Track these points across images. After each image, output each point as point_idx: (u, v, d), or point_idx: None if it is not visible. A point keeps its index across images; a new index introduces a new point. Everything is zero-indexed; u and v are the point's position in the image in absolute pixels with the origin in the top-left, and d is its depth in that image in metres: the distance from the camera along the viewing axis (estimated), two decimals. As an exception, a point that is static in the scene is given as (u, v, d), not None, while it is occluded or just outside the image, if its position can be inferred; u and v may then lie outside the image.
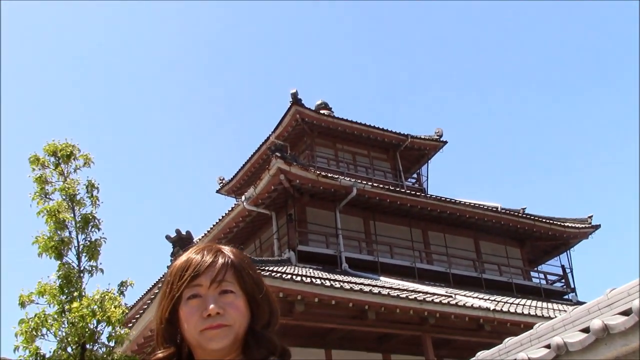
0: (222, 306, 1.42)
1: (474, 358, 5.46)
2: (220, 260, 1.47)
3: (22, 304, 6.68)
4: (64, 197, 7.40)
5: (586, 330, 4.19)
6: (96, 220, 7.51)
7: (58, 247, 7.01)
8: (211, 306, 1.40)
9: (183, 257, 1.51)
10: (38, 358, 6.32)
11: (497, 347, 5.28)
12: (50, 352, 6.48)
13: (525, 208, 21.74)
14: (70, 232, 7.30)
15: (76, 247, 7.25)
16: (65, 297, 6.73)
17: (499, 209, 20.69)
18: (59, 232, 7.13)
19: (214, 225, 19.51)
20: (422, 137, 23.59)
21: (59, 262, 7.03)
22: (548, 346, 4.34)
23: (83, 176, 8.19)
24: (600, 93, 50.58)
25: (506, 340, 5.23)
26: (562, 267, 22.37)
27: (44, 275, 7.31)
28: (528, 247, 22.34)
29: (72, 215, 7.35)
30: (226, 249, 1.52)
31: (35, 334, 6.33)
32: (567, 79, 52.10)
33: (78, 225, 7.32)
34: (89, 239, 7.37)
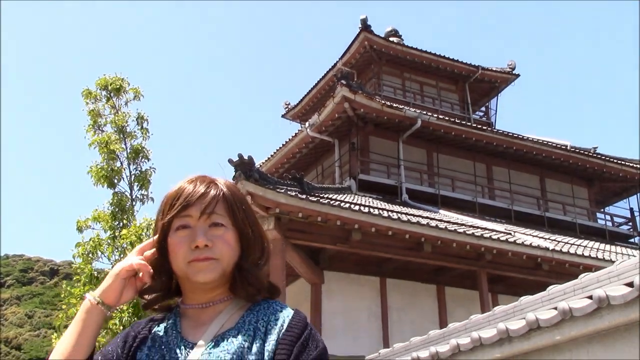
0: (211, 239, 1.38)
1: (516, 302, 5.48)
2: (212, 192, 1.42)
3: (80, 229, 7.10)
4: (114, 130, 7.67)
5: (630, 284, 4.14)
6: (146, 151, 7.76)
7: (110, 177, 7.33)
8: (200, 238, 1.37)
9: (174, 187, 1.45)
10: (93, 280, 6.72)
11: (540, 294, 5.28)
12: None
13: (596, 147, 21.04)
14: (121, 163, 7.60)
15: (128, 177, 7.56)
16: (117, 223, 7.09)
17: (568, 147, 20.09)
18: (110, 162, 7.43)
19: (277, 150, 19.77)
20: (494, 69, 22.88)
21: (113, 191, 7.36)
22: (590, 297, 4.32)
23: (134, 109, 8.43)
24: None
25: (550, 287, 5.21)
26: (631, 209, 21.75)
27: (99, 203, 7.71)
28: (597, 188, 21.74)
29: (124, 146, 7.63)
30: (220, 181, 1.47)
31: (91, 257, 6.73)
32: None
33: (129, 156, 7.59)
34: (139, 169, 7.66)
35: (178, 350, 1.35)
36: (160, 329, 1.43)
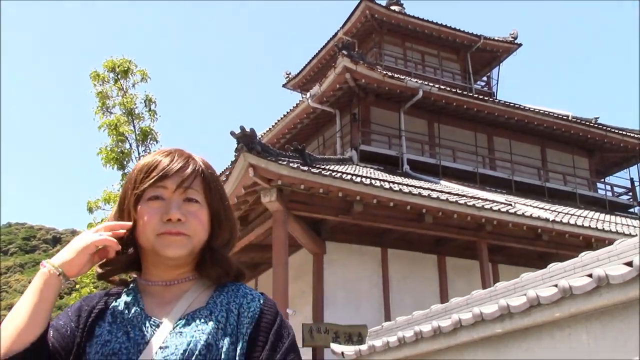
0: (185, 214, 1.34)
1: (517, 279, 5.58)
2: (191, 167, 1.39)
3: (90, 210, 7.18)
4: (123, 112, 7.71)
5: (630, 264, 4.23)
6: (154, 133, 7.82)
7: (119, 159, 7.39)
8: (173, 211, 1.33)
9: (149, 157, 1.42)
10: None
11: (540, 272, 5.37)
12: None
13: (597, 118, 21.03)
14: (130, 145, 7.66)
15: (137, 159, 7.61)
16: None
17: (569, 118, 20.09)
18: (120, 144, 7.49)
19: (278, 121, 19.75)
20: (496, 38, 22.74)
21: (122, 172, 7.43)
22: (590, 276, 4.41)
23: (141, 91, 8.45)
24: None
25: (550, 265, 5.31)
26: (631, 179, 21.86)
27: (108, 184, 7.77)
28: (597, 158, 21.80)
29: (132, 128, 7.68)
30: (197, 157, 1.44)
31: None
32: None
33: (138, 138, 7.64)
34: (148, 151, 7.72)
35: (144, 328, 1.30)
36: (119, 305, 1.36)
